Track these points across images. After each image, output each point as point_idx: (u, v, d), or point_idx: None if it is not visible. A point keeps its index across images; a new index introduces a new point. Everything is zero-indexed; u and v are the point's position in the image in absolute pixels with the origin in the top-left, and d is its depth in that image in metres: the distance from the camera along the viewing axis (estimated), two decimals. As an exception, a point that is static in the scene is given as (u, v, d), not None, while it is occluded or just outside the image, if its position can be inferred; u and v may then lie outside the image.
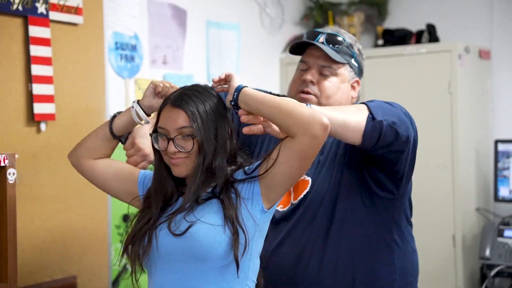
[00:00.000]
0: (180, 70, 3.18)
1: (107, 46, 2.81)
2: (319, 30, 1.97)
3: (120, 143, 1.82)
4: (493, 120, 3.64)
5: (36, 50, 2.46)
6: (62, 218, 2.61)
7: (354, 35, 3.96)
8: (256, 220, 1.58)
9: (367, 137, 1.66)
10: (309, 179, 1.90)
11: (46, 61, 2.50)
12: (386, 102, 1.76)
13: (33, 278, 2.49)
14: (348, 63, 1.95)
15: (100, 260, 2.76)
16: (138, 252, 1.61)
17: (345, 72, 1.94)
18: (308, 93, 1.91)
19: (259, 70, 3.72)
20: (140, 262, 1.62)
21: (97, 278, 2.75)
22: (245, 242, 1.54)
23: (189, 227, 1.53)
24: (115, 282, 2.84)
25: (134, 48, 2.95)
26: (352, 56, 1.96)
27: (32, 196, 2.49)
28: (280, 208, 1.92)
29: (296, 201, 1.90)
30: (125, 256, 1.67)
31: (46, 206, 2.56)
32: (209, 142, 1.57)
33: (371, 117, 1.66)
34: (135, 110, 1.72)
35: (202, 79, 3.31)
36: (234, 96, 1.59)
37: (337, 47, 1.92)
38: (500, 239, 3.19)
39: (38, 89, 2.47)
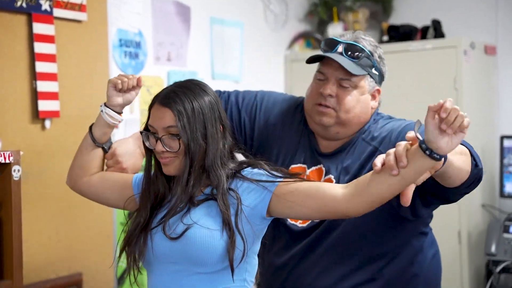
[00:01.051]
0: (184, 67, 3.18)
1: (111, 43, 2.81)
2: (338, 39, 1.89)
3: None
4: (498, 116, 3.63)
5: (40, 47, 2.45)
6: (67, 216, 2.61)
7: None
8: (255, 226, 1.55)
9: (467, 183, 1.60)
10: None
11: (50, 58, 2.50)
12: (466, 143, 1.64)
13: (38, 275, 2.49)
14: (369, 74, 1.88)
15: (105, 257, 2.76)
16: (134, 253, 1.60)
17: (365, 83, 1.88)
18: (326, 106, 1.85)
19: (263, 67, 3.72)
20: (136, 263, 1.61)
21: (102, 275, 2.75)
22: (244, 249, 1.52)
23: (185, 230, 1.51)
24: (120, 279, 2.84)
25: (138, 45, 2.94)
26: (372, 66, 1.88)
27: (37, 194, 2.49)
28: (299, 223, 1.89)
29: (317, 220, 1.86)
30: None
31: (51, 204, 2.56)
32: (196, 142, 1.53)
33: (475, 164, 1.59)
34: (106, 113, 1.73)
35: (206, 76, 3.31)
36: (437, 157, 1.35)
37: (356, 59, 1.85)
38: (505, 235, 3.18)
39: (43, 86, 2.47)
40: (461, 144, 1.57)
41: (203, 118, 1.55)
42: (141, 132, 1.61)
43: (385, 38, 3.75)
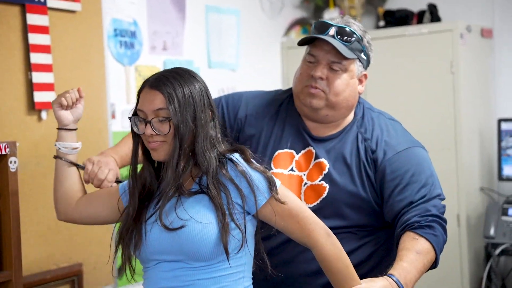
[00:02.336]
0: (180, 56, 3.17)
1: (106, 33, 2.80)
2: (329, 21, 1.89)
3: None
4: (495, 99, 3.63)
5: (34, 38, 2.45)
6: (66, 206, 2.61)
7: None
8: (248, 220, 1.58)
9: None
10: (327, 185, 1.87)
11: (45, 49, 2.50)
12: (440, 218, 1.80)
13: (38, 266, 2.50)
14: (358, 58, 1.90)
15: (105, 247, 2.72)
16: (129, 246, 1.60)
17: (355, 67, 1.90)
18: (316, 88, 1.87)
19: (260, 55, 3.71)
20: (131, 255, 1.61)
21: (102, 266, 2.75)
22: (242, 238, 1.53)
23: (182, 226, 1.51)
24: (120, 269, 2.85)
25: (133, 34, 2.94)
26: (362, 50, 1.91)
27: (35, 185, 2.50)
28: None
29: (310, 206, 1.86)
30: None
31: (49, 195, 2.53)
32: (186, 125, 1.53)
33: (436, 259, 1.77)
34: (63, 148, 1.79)
35: (203, 65, 3.30)
36: None
37: (348, 42, 1.86)
38: (504, 218, 3.20)
39: (38, 77, 2.47)
40: (432, 238, 1.73)
41: (193, 102, 1.55)
42: (129, 118, 1.61)
43: (381, 23, 3.74)
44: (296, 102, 1.95)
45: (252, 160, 1.61)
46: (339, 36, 1.86)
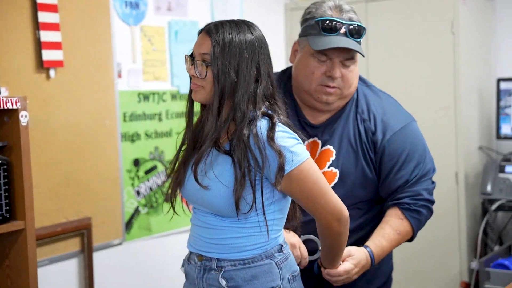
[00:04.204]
0: (184, 16, 3.22)
1: (111, -7, 2.86)
2: (339, 19, 1.86)
3: None
4: (495, 59, 3.66)
5: (42, -2, 2.51)
6: (75, 163, 2.70)
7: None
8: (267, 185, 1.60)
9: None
10: (336, 171, 1.94)
11: (52, 8, 2.56)
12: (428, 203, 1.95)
13: (49, 219, 2.60)
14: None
15: (114, 202, 2.87)
16: (174, 189, 1.68)
17: (358, 56, 1.94)
18: (334, 87, 1.90)
19: (264, 16, 3.74)
20: (174, 197, 1.69)
21: (111, 220, 2.86)
22: (252, 199, 1.55)
23: (206, 186, 1.57)
24: (128, 223, 2.95)
25: (138, -5, 2.99)
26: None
27: (45, 141, 2.58)
28: None
29: None
30: (137, 198, 1.73)
31: (59, 151, 2.65)
32: (226, 75, 1.54)
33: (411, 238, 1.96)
34: None
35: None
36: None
37: (359, 38, 1.89)
38: (501, 175, 3.26)
39: (46, 36, 2.53)
40: (416, 222, 1.92)
41: (239, 54, 1.55)
42: (185, 56, 1.64)
43: (384, -16, 3.76)
44: (305, 97, 1.96)
45: (279, 131, 1.58)
46: (352, 35, 1.86)
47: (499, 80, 3.43)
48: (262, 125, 1.57)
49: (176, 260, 3.07)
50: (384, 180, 1.94)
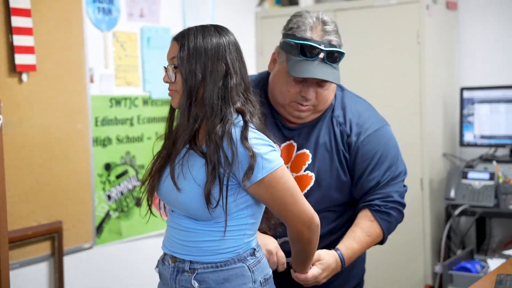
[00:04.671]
0: (156, 23, 3.26)
1: (84, -1, 2.88)
2: (318, 46, 1.88)
3: None
4: (459, 68, 3.77)
5: (15, 2, 2.52)
6: (47, 167, 2.71)
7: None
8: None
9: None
10: (312, 174, 1.98)
11: (25, 12, 2.57)
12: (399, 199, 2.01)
13: (20, 223, 2.60)
14: None
15: (84, 206, 2.88)
16: (151, 191, 1.72)
17: None
18: (306, 105, 1.94)
19: (234, 24, 3.79)
20: (151, 199, 1.72)
21: (81, 224, 2.87)
22: (218, 199, 1.58)
23: (179, 189, 1.61)
24: (99, 227, 2.97)
25: (111, 1, 3.01)
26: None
27: (17, 145, 2.58)
28: None
29: None
30: (108, 203, 1.76)
31: (31, 155, 2.65)
32: (193, 75, 1.58)
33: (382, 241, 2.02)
34: None
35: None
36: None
37: (337, 62, 1.92)
38: (464, 181, 3.36)
39: (19, 40, 2.55)
40: (385, 224, 1.97)
41: (204, 52, 1.59)
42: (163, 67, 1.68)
43: (352, -6, 3.86)
44: (279, 108, 2.00)
45: (251, 131, 1.61)
46: (330, 60, 1.89)
47: (462, 89, 3.55)
48: (236, 122, 1.61)
49: (146, 264, 3.10)
50: (357, 181, 1.99)
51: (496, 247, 3.54)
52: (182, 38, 1.61)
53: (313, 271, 1.86)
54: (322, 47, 1.88)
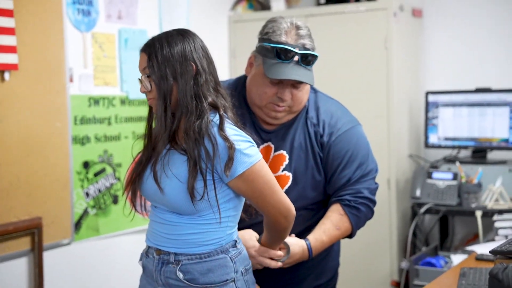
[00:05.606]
0: (134, 25, 3.33)
1: (64, 0, 2.93)
2: (293, 49, 1.96)
3: None
4: (424, 73, 3.93)
5: (-1, 2, 2.58)
6: (27, 164, 2.76)
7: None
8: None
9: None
10: (289, 174, 2.07)
11: (8, 13, 2.62)
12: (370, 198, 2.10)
13: (1, 218, 2.65)
14: None
15: (63, 203, 2.93)
16: (134, 189, 1.80)
17: None
18: (282, 106, 2.02)
19: (209, 27, 3.89)
20: (134, 197, 1.80)
21: (60, 220, 2.92)
22: (203, 193, 1.66)
23: (162, 189, 1.68)
24: (77, 223, 3.03)
25: (90, 2, 3.08)
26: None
27: (-2, 142, 2.63)
28: None
29: None
30: (86, 200, 1.82)
31: (11, 152, 2.70)
32: (165, 80, 1.66)
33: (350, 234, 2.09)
34: None
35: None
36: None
37: (311, 65, 2.01)
38: (429, 181, 3.51)
39: (2, 40, 2.60)
40: (354, 219, 2.05)
41: (171, 56, 1.67)
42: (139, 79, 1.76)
43: (322, 0, 3.98)
44: (256, 110, 2.08)
45: (228, 127, 1.70)
46: (304, 63, 1.99)
47: (427, 93, 3.70)
48: (212, 117, 1.70)
49: (123, 260, 3.17)
50: (329, 179, 2.08)
51: (458, 243, 3.70)
52: (149, 48, 1.70)
53: (277, 254, 1.94)
54: (296, 50, 1.97)
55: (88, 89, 3.07)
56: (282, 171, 2.07)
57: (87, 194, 3.07)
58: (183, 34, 1.73)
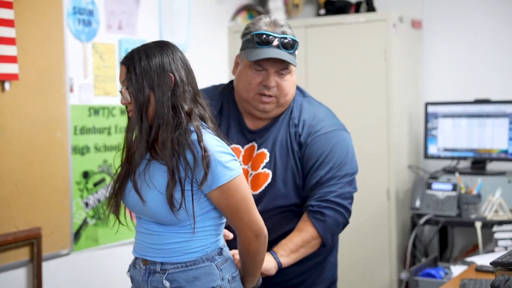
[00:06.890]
0: (134, 35, 3.34)
1: (65, 10, 2.95)
2: (271, 33, 2.03)
3: None
4: (423, 84, 3.95)
5: (0, 13, 2.58)
6: (27, 173, 2.76)
7: (297, 5, 4.19)
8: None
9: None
10: (269, 172, 2.08)
11: (9, 23, 2.63)
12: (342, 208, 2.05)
13: (0, 228, 2.64)
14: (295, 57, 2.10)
15: (63, 213, 2.93)
16: (117, 201, 1.81)
17: (294, 67, 2.11)
18: (270, 96, 2.05)
19: (208, 38, 3.91)
20: (118, 209, 1.81)
21: (60, 230, 2.91)
22: (181, 203, 1.67)
23: (144, 200, 1.70)
24: (77, 234, 3.02)
25: (91, 13, 3.09)
26: (296, 48, 2.08)
27: (-2, 151, 2.63)
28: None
29: (256, 192, 2.07)
30: (86, 210, 1.83)
31: (11, 162, 2.70)
32: (142, 92, 1.67)
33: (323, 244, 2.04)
34: None
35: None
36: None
37: (291, 49, 2.04)
38: (428, 192, 3.51)
39: (2, 49, 2.60)
40: (320, 224, 2.00)
41: (149, 68, 1.68)
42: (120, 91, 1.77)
43: (322, 11, 4.01)
44: (244, 105, 2.12)
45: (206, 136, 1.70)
46: (284, 47, 2.03)
47: (427, 104, 3.71)
48: (190, 127, 1.70)
49: (122, 271, 3.15)
50: (304, 179, 2.08)
51: (458, 254, 3.70)
52: (128, 61, 1.71)
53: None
54: (275, 34, 2.03)
55: (88, 99, 3.08)
56: (262, 168, 2.09)
57: (87, 204, 3.06)
58: (161, 46, 1.74)
